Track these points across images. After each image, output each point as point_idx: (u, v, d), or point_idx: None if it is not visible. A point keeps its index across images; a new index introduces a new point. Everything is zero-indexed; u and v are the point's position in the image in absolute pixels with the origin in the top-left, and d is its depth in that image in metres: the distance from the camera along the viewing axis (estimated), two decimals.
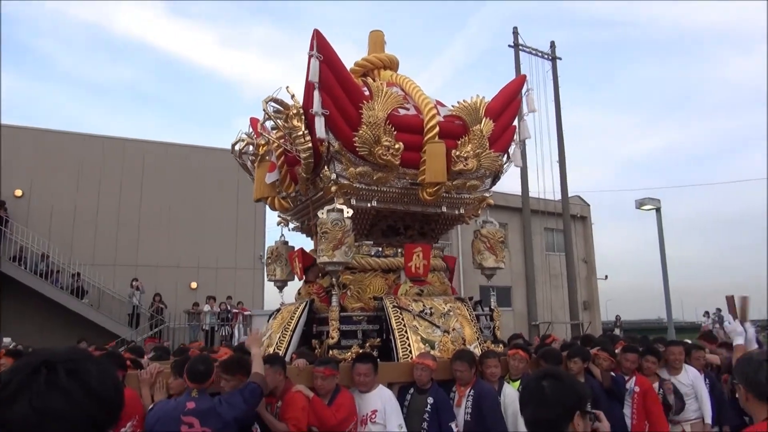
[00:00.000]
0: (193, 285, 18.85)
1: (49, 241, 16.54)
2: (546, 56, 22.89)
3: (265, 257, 6.80)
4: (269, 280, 6.74)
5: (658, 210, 13.91)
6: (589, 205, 31.13)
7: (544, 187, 24.37)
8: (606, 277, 31.35)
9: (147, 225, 18.69)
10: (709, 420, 5.46)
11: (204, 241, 19.37)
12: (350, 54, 5.27)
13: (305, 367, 4.40)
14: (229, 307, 16.48)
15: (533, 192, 22.34)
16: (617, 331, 24.04)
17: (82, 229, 17.82)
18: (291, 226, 6.77)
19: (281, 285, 6.62)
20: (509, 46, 22.25)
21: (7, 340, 11.19)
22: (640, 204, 14.01)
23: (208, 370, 3.63)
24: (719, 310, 23.02)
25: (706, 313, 23.43)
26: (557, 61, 23.05)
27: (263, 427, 3.84)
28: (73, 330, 15.05)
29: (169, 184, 19.25)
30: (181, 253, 19.00)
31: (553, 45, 23.16)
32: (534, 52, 22.49)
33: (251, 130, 6.62)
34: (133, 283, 16.81)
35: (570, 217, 23.04)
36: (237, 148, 6.51)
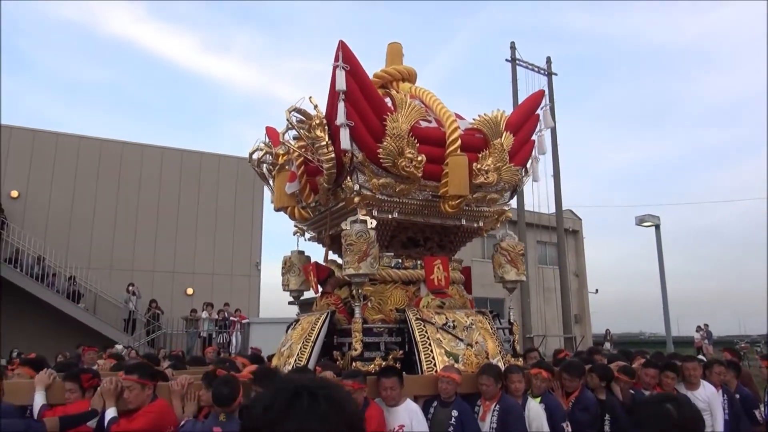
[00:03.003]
0: (189, 291, 18.72)
1: (45, 243, 16.37)
2: (542, 71, 23.09)
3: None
4: (284, 290, 6.70)
5: (657, 227, 14.04)
6: (580, 219, 31.44)
7: (538, 200, 24.64)
8: (597, 290, 31.60)
9: (143, 229, 18.57)
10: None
11: (200, 246, 19.28)
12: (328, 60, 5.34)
13: (332, 380, 4.37)
14: (227, 315, 16.36)
15: (527, 206, 22.44)
16: (607, 345, 24.17)
17: (78, 232, 17.67)
18: (307, 236, 6.75)
19: (296, 295, 6.59)
20: (507, 60, 22.48)
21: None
22: (640, 221, 14.15)
23: (233, 393, 3.61)
24: (707, 325, 23.30)
25: (698, 328, 23.56)
26: (553, 76, 23.27)
27: None
28: (69, 334, 14.87)
29: (165, 189, 19.16)
30: (177, 258, 18.88)
31: (549, 60, 23.39)
32: (531, 67, 22.70)
33: (268, 139, 6.62)
34: (130, 287, 16.65)
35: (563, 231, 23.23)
36: (255, 156, 6.50)
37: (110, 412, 3.67)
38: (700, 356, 11.32)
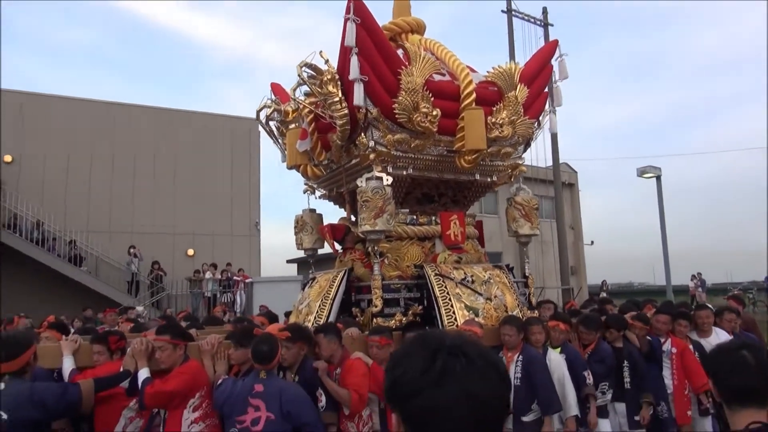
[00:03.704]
0: (190, 252, 18.75)
1: (42, 207, 16.24)
2: (538, 22, 22.65)
3: (293, 227, 6.73)
4: (298, 249, 6.69)
5: (658, 178, 14.05)
6: (576, 173, 31.51)
7: (535, 154, 24.66)
8: (592, 242, 31.93)
9: (141, 191, 18.45)
10: None
11: (199, 207, 19.20)
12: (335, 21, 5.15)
13: (359, 336, 4.41)
14: (230, 275, 16.44)
15: (525, 159, 22.28)
16: (603, 295, 24.56)
17: (75, 196, 17.53)
18: (317, 194, 6.70)
19: (311, 253, 6.58)
20: (502, 11, 22.01)
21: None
22: (641, 172, 14.14)
23: (272, 350, 3.62)
24: (700, 274, 23.69)
25: (693, 277, 23.92)
26: (549, 27, 22.84)
27: (327, 392, 3.87)
28: (72, 298, 14.92)
29: (161, 150, 18.95)
30: (177, 219, 18.82)
31: (545, 11, 22.90)
32: (527, 18, 22.25)
33: (274, 95, 6.48)
34: (131, 250, 16.65)
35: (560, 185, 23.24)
36: (263, 114, 6.37)
37: (143, 373, 3.69)
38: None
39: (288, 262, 26.82)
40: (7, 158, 16.83)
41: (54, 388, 3.40)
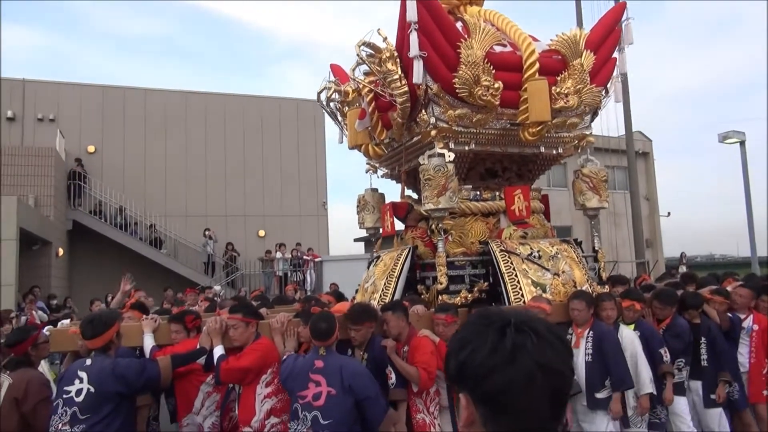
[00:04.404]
0: (261, 233, 19.34)
1: (123, 194, 17.17)
2: None
3: (356, 206, 6.80)
4: (360, 228, 6.76)
5: (742, 143, 13.19)
6: (651, 141, 30.12)
7: (607, 123, 23.62)
8: (669, 214, 30.54)
9: (213, 176, 19.14)
10: None
11: (268, 189, 19.74)
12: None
13: (425, 313, 4.43)
14: (300, 254, 16.87)
15: (595, 129, 21.46)
16: (682, 268, 23.47)
17: (153, 182, 18.41)
18: (379, 173, 6.73)
19: (373, 232, 6.64)
20: None
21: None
22: (723, 138, 13.31)
23: (330, 327, 3.69)
24: None
25: None
26: None
27: (396, 370, 3.93)
28: (154, 279, 15.74)
29: (230, 135, 19.54)
30: (247, 202, 19.44)
31: None
32: None
33: (334, 76, 6.52)
34: (206, 232, 17.36)
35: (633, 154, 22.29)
36: (323, 96, 6.43)
37: (218, 350, 3.86)
38: None
39: (355, 240, 27.25)
40: (91, 149, 17.85)
41: (135, 364, 3.62)
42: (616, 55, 5.94)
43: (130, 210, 17.01)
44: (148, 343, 4.16)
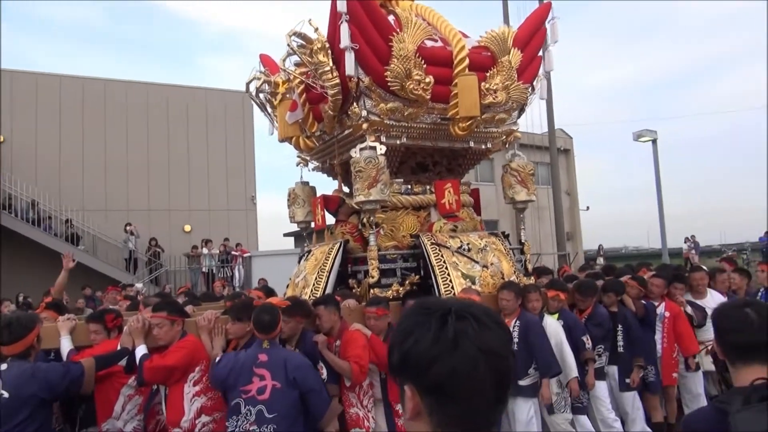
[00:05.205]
0: (187, 228, 18.72)
1: (36, 187, 16.12)
2: None
3: (286, 199, 6.68)
4: (291, 222, 6.66)
5: (654, 141, 13.98)
6: (572, 138, 31.47)
7: (531, 120, 24.50)
8: (587, 208, 32.05)
9: (135, 169, 18.31)
10: None
11: (194, 183, 19.11)
12: None
13: (356, 307, 4.41)
14: (228, 249, 16.45)
15: (520, 126, 22.14)
16: (600, 260, 24.69)
17: (69, 175, 17.39)
18: (310, 166, 6.64)
19: (304, 227, 6.55)
20: None
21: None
22: (637, 136, 14.06)
23: (274, 319, 3.63)
24: (693, 236, 23.78)
25: (686, 239, 23.99)
26: None
27: (327, 365, 3.89)
28: (71, 278, 14.86)
29: (154, 125, 18.76)
30: (172, 196, 18.74)
31: None
32: None
33: (263, 67, 6.37)
34: (127, 227, 16.60)
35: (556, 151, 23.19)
36: (252, 86, 6.27)
37: (141, 350, 3.69)
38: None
39: (285, 235, 26.86)
40: None
41: (57, 366, 3.40)
42: (542, 53, 6.14)
43: (43, 204, 15.99)
44: (66, 345, 3.92)
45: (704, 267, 6.88)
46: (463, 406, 1.03)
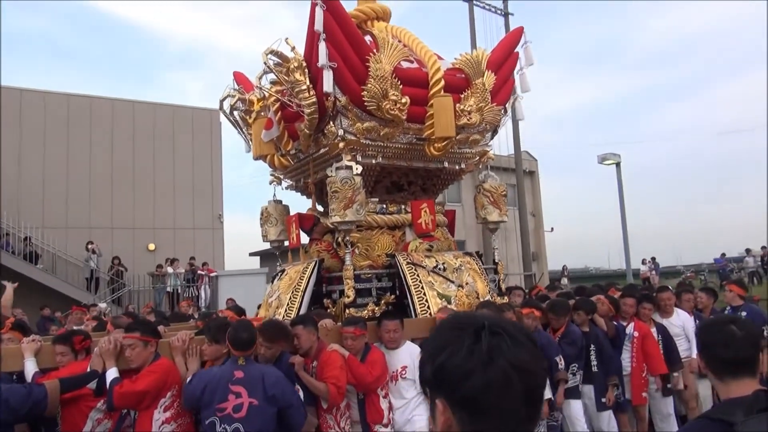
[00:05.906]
0: (151, 246, 18.30)
1: None
2: (499, 12, 22.83)
3: (259, 218, 6.60)
4: (264, 241, 6.58)
5: (618, 164, 14.36)
6: (537, 161, 32.09)
7: (498, 143, 24.88)
8: (552, 229, 32.57)
9: (98, 185, 17.87)
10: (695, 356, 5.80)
11: (159, 201, 18.74)
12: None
13: (333, 327, 4.36)
14: (194, 269, 16.12)
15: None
16: (564, 280, 25.09)
17: (29, 191, 16.83)
18: (284, 184, 6.59)
19: (277, 245, 6.48)
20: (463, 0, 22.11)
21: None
22: (602, 159, 14.43)
23: (251, 337, 3.57)
24: (654, 258, 24.44)
25: (644, 261, 24.58)
26: (509, 17, 23.03)
27: (304, 387, 3.82)
28: (30, 297, 14.35)
29: (118, 142, 18.37)
30: (136, 214, 18.32)
31: (505, 0, 23.09)
32: (487, 7, 22.42)
33: (237, 85, 6.33)
34: (89, 246, 16.12)
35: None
36: (226, 104, 6.22)
37: (111, 373, 3.55)
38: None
39: (251, 254, 26.49)
40: None
41: (18, 388, 3.25)
42: (517, 75, 6.27)
43: (1, 220, 15.42)
44: (30, 367, 3.75)
45: (670, 287, 7.06)
46: (494, 421, 1.03)
